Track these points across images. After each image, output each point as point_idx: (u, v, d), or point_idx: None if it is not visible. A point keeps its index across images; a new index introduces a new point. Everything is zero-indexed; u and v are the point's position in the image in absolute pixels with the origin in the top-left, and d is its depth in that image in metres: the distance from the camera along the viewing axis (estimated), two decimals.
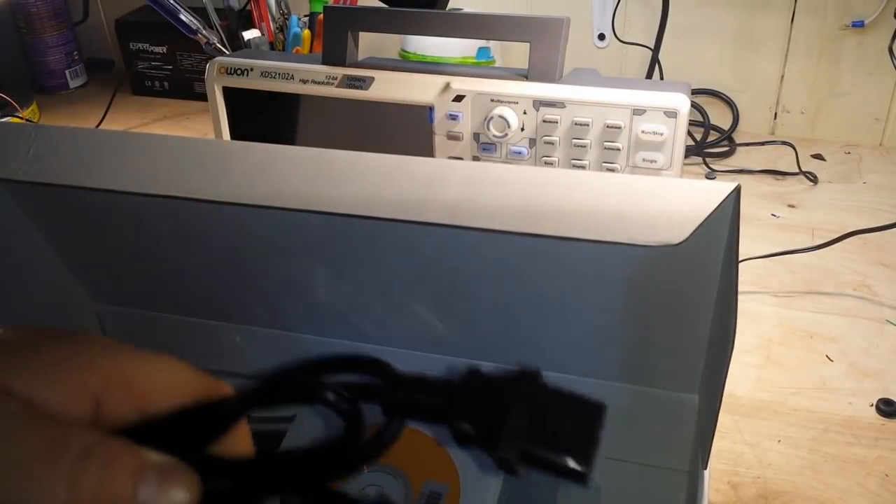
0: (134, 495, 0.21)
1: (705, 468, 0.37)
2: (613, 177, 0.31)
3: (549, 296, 0.39)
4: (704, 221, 0.29)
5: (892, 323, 0.60)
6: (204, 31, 0.86)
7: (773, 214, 0.76)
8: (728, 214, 0.30)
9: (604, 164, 0.62)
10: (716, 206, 0.29)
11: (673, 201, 0.30)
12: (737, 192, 0.29)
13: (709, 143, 0.90)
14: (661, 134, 0.59)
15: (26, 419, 0.21)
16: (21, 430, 0.21)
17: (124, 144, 0.35)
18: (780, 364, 0.56)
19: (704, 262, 0.34)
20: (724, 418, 0.51)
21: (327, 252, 0.41)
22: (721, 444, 0.49)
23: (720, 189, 0.29)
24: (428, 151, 0.66)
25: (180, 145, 0.35)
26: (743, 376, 0.55)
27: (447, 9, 0.71)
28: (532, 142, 0.63)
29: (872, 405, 0.52)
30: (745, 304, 0.62)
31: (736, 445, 0.49)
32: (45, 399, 0.22)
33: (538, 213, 0.31)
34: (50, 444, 0.21)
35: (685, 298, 0.36)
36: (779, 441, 0.49)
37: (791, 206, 0.78)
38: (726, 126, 0.93)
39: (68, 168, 0.34)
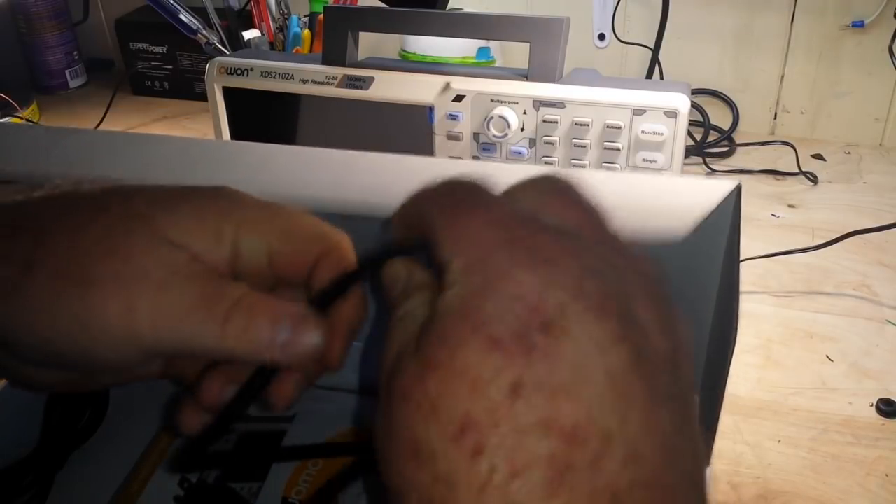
0: (273, 339, 0.25)
1: (707, 467, 0.37)
2: (614, 174, 0.32)
3: None
4: (705, 219, 0.29)
5: (892, 323, 0.60)
6: (204, 31, 0.86)
7: (773, 214, 0.76)
8: (729, 212, 0.30)
9: (604, 164, 0.62)
10: (717, 203, 0.29)
11: (674, 199, 0.30)
12: (737, 190, 0.29)
13: (709, 143, 0.90)
14: (661, 134, 0.59)
15: (189, 272, 0.25)
16: (186, 283, 0.25)
17: (123, 144, 0.35)
18: (780, 364, 0.56)
19: (706, 260, 0.34)
20: (724, 418, 0.51)
21: None
22: (721, 444, 0.49)
23: (721, 187, 0.29)
24: (428, 151, 0.66)
25: (180, 145, 0.35)
26: (743, 376, 0.55)
27: (447, 9, 0.71)
28: (532, 142, 0.63)
29: (872, 405, 0.52)
30: (745, 304, 0.62)
31: (736, 445, 0.49)
32: (192, 245, 0.26)
33: None
34: (208, 296, 0.25)
35: (686, 297, 0.36)
36: (779, 441, 0.49)
37: (791, 206, 0.78)
38: (726, 126, 0.93)
39: (65, 168, 0.34)
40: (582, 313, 0.20)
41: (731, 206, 0.30)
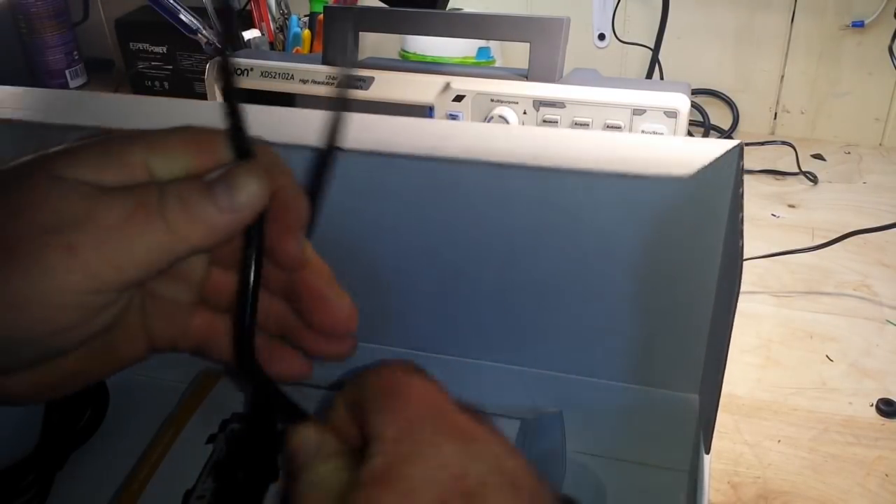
0: (218, 206, 0.24)
1: (707, 452, 0.37)
2: (625, 134, 0.34)
3: (552, 283, 0.39)
4: (711, 163, 0.32)
5: (892, 323, 0.60)
6: (204, 31, 0.86)
7: (773, 214, 0.76)
8: (733, 164, 0.32)
9: None
10: (721, 153, 0.32)
11: (681, 148, 0.33)
12: (740, 147, 0.32)
13: None
14: (661, 134, 0.59)
15: (104, 194, 0.24)
16: (110, 203, 0.23)
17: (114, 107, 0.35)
18: (780, 364, 0.56)
19: (711, 209, 0.35)
20: (724, 418, 0.51)
21: (331, 242, 0.41)
22: (721, 444, 0.49)
23: (724, 143, 0.33)
24: None
25: (180, 108, 0.36)
26: (743, 376, 0.55)
27: (447, 9, 0.71)
28: None
29: (872, 405, 0.52)
30: (745, 304, 0.62)
31: (736, 445, 0.49)
32: (102, 179, 0.24)
33: (550, 151, 0.33)
34: (135, 204, 0.24)
35: (693, 249, 0.37)
36: (779, 441, 0.49)
37: (791, 206, 0.78)
38: (726, 126, 0.93)
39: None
40: (499, 487, 0.22)
41: (735, 159, 0.32)
